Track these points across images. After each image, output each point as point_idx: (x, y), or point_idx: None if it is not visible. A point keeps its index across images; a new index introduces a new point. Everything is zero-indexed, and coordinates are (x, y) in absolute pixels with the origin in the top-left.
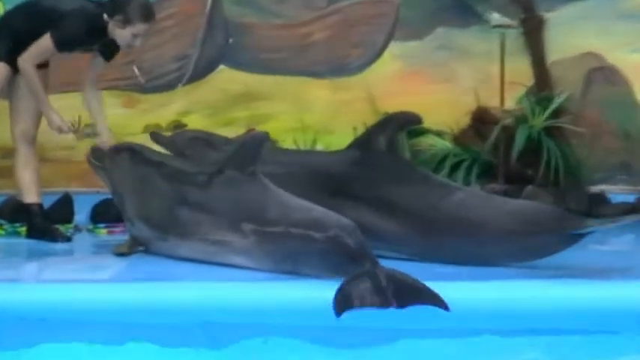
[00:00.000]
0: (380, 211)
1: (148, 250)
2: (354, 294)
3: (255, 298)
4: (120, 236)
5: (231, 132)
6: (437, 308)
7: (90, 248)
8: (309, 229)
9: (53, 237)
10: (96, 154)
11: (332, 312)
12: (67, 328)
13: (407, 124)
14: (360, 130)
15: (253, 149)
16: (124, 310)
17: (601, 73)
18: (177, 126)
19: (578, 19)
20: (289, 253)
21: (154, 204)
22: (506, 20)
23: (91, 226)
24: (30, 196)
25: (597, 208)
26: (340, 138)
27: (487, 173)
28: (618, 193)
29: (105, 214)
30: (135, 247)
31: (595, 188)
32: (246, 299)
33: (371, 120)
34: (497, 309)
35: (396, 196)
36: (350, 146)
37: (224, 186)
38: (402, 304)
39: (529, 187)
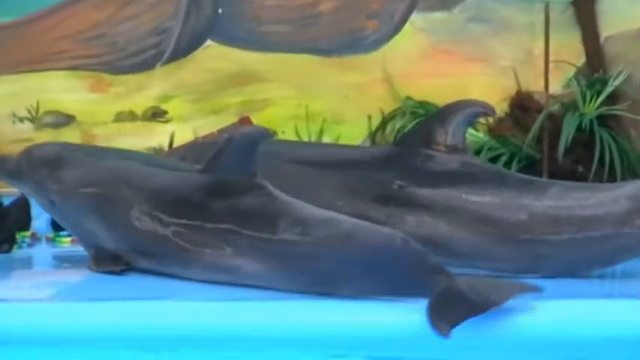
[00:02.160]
0: (451, 221)
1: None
2: (449, 311)
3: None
4: None
5: (220, 121)
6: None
7: (51, 261)
8: (342, 245)
9: None
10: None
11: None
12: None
13: (477, 115)
14: (376, 119)
15: (246, 149)
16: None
17: None
18: (156, 113)
19: None
20: (319, 274)
21: (119, 215)
22: None
23: (51, 235)
24: None
25: None
26: (352, 128)
27: (529, 169)
28: None
29: None
30: (119, 264)
31: None
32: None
33: (390, 107)
34: None
35: (472, 200)
36: (399, 142)
37: (215, 195)
38: (494, 304)
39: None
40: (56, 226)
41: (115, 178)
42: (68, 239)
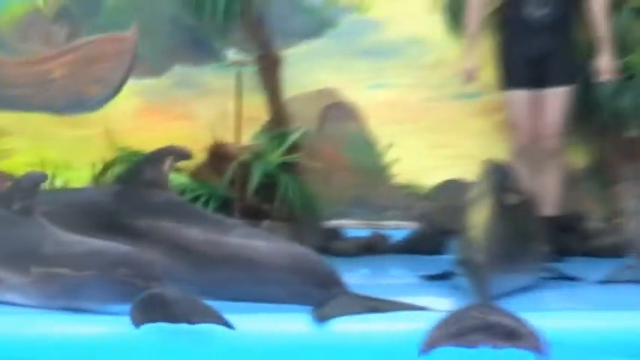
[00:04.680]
0: (163, 246)
1: None
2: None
3: None
4: None
5: None
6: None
7: None
8: (86, 263)
9: None
10: None
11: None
12: None
13: (179, 158)
14: (99, 166)
15: (29, 188)
16: None
17: (337, 109)
18: None
19: (316, 56)
20: (69, 289)
21: None
22: (241, 58)
23: None
24: None
25: (332, 242)
26: (79, 173)
27: (224, 208)
28: (354, 227)
29: None
30: None
31: (330, 223)
32: None
33: (110, 155)
34: None
35: (177, 232)
36: (119, 179)
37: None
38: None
39: (266, 222)
40: None
41: None
42: None
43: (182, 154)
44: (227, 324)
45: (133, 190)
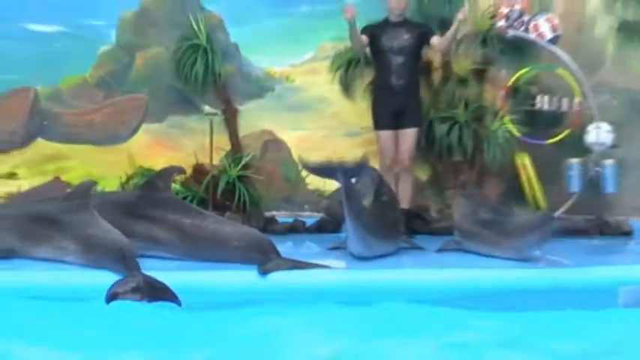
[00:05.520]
0: (164, 229)
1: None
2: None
3: None
4: None
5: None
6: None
7: None
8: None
9: None
10: None
11: None
12: None
13: (176, 173)
14: (124, 178)
15: (85, 192)
16: None
17: (273, 143)
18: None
19: (259, 110)
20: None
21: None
22: (212, 110)
23: None
24: None
25: (270, 226)
26: (112, 182)
27: (202, 204)
28: (283, 216)
29: None
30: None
31: (269, 213)
32: None
33: (131, 171)
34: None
35: (175, 220)
36: (138, 186)
37: (67, 214)
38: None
39: (228, 213)
40: None
41: None
42: None
43: (177, 171)
44: (177, 301)
45: (147, 193)
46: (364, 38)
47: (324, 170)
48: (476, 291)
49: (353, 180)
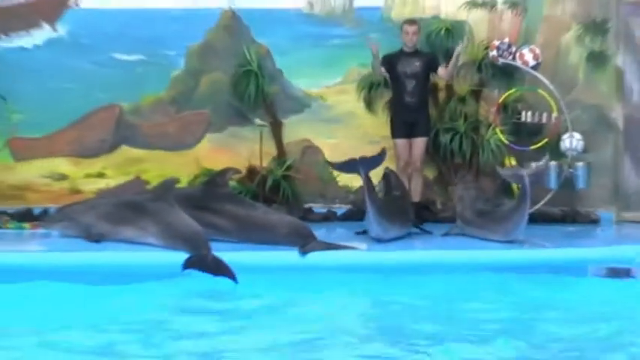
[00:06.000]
0: (222, 218)
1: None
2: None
3: None
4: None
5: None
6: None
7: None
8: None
9: None
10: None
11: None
12: None
13: (233, 173)
14: (192, 177)
15: (168, 188)
16: None
17: (310, 149)
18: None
19: (299, 122)
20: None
21: (116, 217)
22: (262, 122)
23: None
24: None
25: (308, 215)
26: (182, 181)
27: (254, 198)
28: (318, 208)
29: None
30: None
31: (307, 205)
32: None
33: (197, 172)
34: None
35: (232, 210)
36: (203, 184)
37: (152, 204)
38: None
39: (274, 205)
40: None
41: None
42: (28, 225)
43: (234, 171)
44: (235, 279)
45: (210, 189)
46: (383, 70)
47: (347, 166)
48: (475, 267)
49: (372, 168)
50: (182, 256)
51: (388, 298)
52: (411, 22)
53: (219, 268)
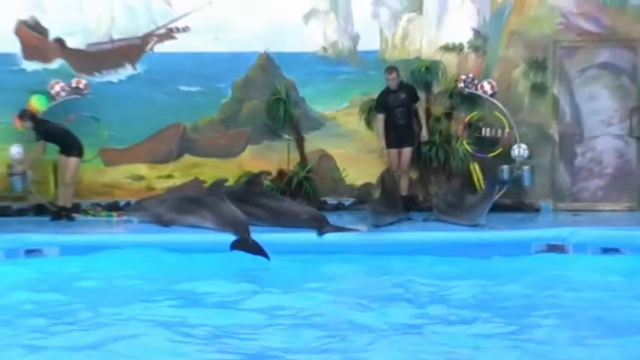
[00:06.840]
0: (258, 208)
1: (172, 224)
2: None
3: None
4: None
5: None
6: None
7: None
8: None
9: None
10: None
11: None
12: None
13: (266, 175)
14: (236, 178)
15: (219, 185)
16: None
17: (325, 157)
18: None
19: (317, 137)
20: (226, 223)
21: (181, 208)
22: (289, 137)
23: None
24: None
25: (323, 206)
26: (230, 181)
27: (282, 194)
28: (331, 200)
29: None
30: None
31: (322, 198)
32: None
33: (240, 174)
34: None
35: (266, 203)
36: (244, 183)
37: (208, 197)
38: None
39: (298, 199)
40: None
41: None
42: (115, 214)
43: (267, 174)
44: (268, 257)
45: (249, 187)
46: (380, 117)
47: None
48: (446, 244)
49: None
50: (230, 238)
51: (382, 269)
52: (390, 70)
53: (256, 249)
